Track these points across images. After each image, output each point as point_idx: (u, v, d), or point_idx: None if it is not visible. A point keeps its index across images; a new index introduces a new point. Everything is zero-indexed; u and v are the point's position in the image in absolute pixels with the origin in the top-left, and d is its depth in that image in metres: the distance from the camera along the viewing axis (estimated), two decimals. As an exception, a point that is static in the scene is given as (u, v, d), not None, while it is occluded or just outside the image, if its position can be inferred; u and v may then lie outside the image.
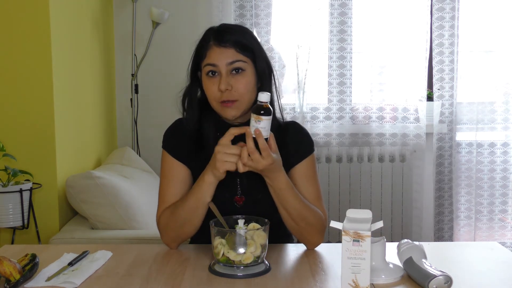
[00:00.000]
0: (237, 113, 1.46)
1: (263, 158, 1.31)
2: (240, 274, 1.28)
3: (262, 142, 1.30)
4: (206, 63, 1.46)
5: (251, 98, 1.47)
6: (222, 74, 1.44)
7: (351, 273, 1.14)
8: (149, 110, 3.23)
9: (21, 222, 2.09)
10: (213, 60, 1.45)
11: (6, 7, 2.21)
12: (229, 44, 1.45)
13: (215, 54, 1.45)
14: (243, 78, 1.45)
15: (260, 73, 1.49)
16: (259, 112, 1.31)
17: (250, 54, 1.47)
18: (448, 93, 3.20)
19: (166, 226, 1.49)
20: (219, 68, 1.44)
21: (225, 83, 1.43)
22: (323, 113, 3.21)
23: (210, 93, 1.46)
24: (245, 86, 1.44)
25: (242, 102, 1.45)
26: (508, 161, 3.26)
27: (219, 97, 1.44)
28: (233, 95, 1.43)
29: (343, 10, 3.14)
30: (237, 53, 1.45)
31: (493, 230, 3.30)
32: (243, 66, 1.45)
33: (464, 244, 1.96)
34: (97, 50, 2.94)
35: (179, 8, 3.20)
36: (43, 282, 1.24)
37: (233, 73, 1.45)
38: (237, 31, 1.50)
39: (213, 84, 1.45)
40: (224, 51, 1.44)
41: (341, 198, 3.24)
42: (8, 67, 2.24)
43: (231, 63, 1.44)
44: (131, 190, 2.44)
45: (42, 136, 2.27)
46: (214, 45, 1.46)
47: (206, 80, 1.47)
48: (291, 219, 1.45)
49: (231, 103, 1.44)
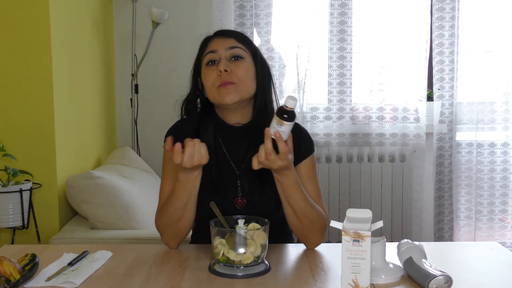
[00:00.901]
0: (235, 97, 1.45)
1: (280, 159, 1.31)
2: (240, 274, 1.28)
3: (282, 146, 1.30)
4: (206, 52, 1.49)
5: (250, 88, 1.48)
6: (221, 59, 1.46)
7: (351, 273, 1.14)
8: (149, 110, 3.23)
9: (21, 222, 2.09)
10: (213, 47, 1.48)
11: (6, 7, 2.21)
12: (229, 35, 1.51)
13: (216, 43, 1.50)
14: (242, 64, 1.47)
15: (259, 69, 1.51)
16: (282, 116, 1.30)
17: (250, 48, 1.51)
18: (448, 93, 3.20)
19: (162, 225, 1.50)
20: (218, 54, 1.47)
21: (224, 64, 1.44)
22: (323, 113, 3.21)
23: (209, 79, 1.46)
24: (244, 71, 1.46)
25: (240, 87, 1.45)
26: (508, 161, 3.26)
27: (218, 81, 1.45)
28: (231, 77, 1.44)
29: (343, 10, 3.14)
30: (237, 42, 1.49)
31: (493, 230, 3.30)
32: (242, 54, 1.48)
33: (464, 244, 1.96)
34: (97, 50, 2.94)
35: (179, 8, 3.20)
36: (43, 282, 1.24)
37: (232, 59, 1.47)
38: (237, 31, 1.57)
39: (213, 71, 1.46)
40: (224, 39, 1.49)
41: (341, 198, 3.24)
42: (8, 67, 2.24)
43: (231, 48, 1.47)
44: (131, 190, 2.44)
45: (42, 136, 2.27)
46: (215, 37, 1.52)
47: (205, 71, 1.49)
48: (296, 216, 1.45)
49: (229, 84, 1.44)
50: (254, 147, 1.47)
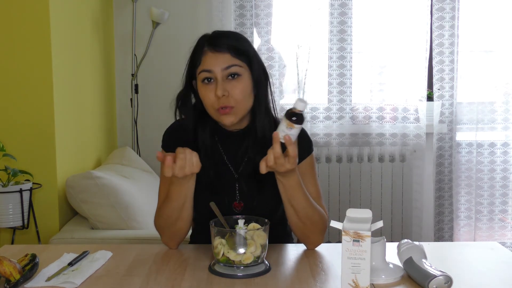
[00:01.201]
0: (235, 119, 1.45)
1: (289, 163, 1.31)
2: (240, 274, 1.28)
3: (292, 149, 1.29)
4: (201, 70, 1.44)
5: (247, 104, 1.46)
6: (218, 80, 1.42)
7: (351, 273, 1.14)
8: (149, 110, 3.23)
9: (21, 222, 2.09)
10: (208, 66, 1.43)
11: (6, 7, 2.21)
12: (224, 49, 1.43)
13: (210, 59, 1.43)
14: (239, 84, 1.43)
15: (256, 78, 1.47)
16: (291, 118, 1.28)
17: (246, 58, 1.45)
18: (448, 93, 3.20)
19: (160, 226, 1.51)
20: (214, 74, 1.42)
21: (221, 89, 1.41)
22: (323, 113, 3.21)
23: (207, 100, 1.44)
24: (241, 92, 1.43)
25: (239, 108, 1.44)
26: (508, 161, 3.26)
27: (216, 104, 1.42)
28: (229, 101, 1.42)
29: (343, 10, 3.13)
30: (233, 58, 1.43)
31: (493, 230, 3.30)
32: (239, 71, 1.43)
33: (464, 244, 1.96)
34: (97, 50, 2.94)
35: (179, 8, 3.20)
36: (43, 282, 1.24)
37: (229, 78, 1.43)
38: (231, 36, 1.49)
39: (210, 91, 1.43)
40: (219, 56, 1.42)
41: (341, 198, 3.24)
42: (8, 67, 2.24)
43: (227, 68, 1.42)
44: (131, 190, 2.44)
45: (42, 136, 2.27)
46: (209, 50, 1.44)
47: (202, 88, 1.45)
48: (298, 217, 1.45)
49: (228, 109, 1.42)
50: (252, 150, 1.48)
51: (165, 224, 1.48)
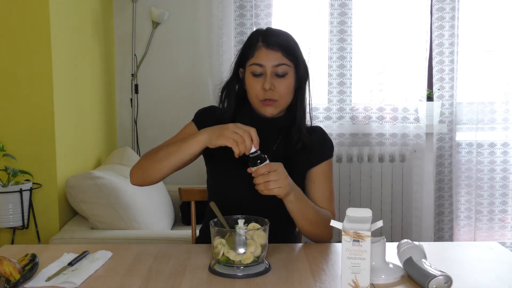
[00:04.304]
0: (276, 111, 1.57)
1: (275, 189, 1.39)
2: (240, 274, 1.28)
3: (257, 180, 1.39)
4: (253, 62, 1.55)
5: (289, 99, 1.59)
6: (267, 75, 1.54)
7: (351, 273, 1.14)
8: (149, 110, 3.23)
9: (21, 222, 2.10)
10: (261, 61, 1.54)
11: (6, 7, 2.22)
12: (277, 47, 1.54)
13: (263, 55, 1.54)
14: (286, 81, 1.55)
15: (300, 77, 1.60)
16: (256, 163, 1.38)
17: (294, 58, 1.57)
18: (448, 93, 3.20)
19: (143, 164, 1.53)
20: (265, 68, 1.54)
21: (269, 82, 1.53)
22: (323, 113, 3.21)
23: (254, 90, 1.55)
24: (286, 88, 1.55)
25: (281, 103, 1.57)
26: (508, 161, 3.26)
27: (261, 95, 1.54)
28: (274, 95, 1.54)
29: (343, 10, 3.14)
30: (283, 57, 1.55)
31: (493, 230, 3.30)
32: (286, 70, 1.55)
33: (464, 244, 1.96)
34: (97, 50, 2.94)
35: (179, 8, 3.20)
36: (43, 282, 1.24)
37: (277, 75, 1.54)
38: (283, 36, 1.60)
39: (257, 83, 1.54)
40: (271, 53, 1.54)
41: (341, 198, 3.24)
42: (8, 67, 2.24)
43: (277, 65, 1.54)
44: (131, 190, 2.44)
45: (42, 136, 2.27)
46: (263, 46, 1.55)
47: (250, 78, 1.56)
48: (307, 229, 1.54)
49: (272, 101, 1.55)
50: (283, 139, 1.62)
51: (149, 156, 1.52)
